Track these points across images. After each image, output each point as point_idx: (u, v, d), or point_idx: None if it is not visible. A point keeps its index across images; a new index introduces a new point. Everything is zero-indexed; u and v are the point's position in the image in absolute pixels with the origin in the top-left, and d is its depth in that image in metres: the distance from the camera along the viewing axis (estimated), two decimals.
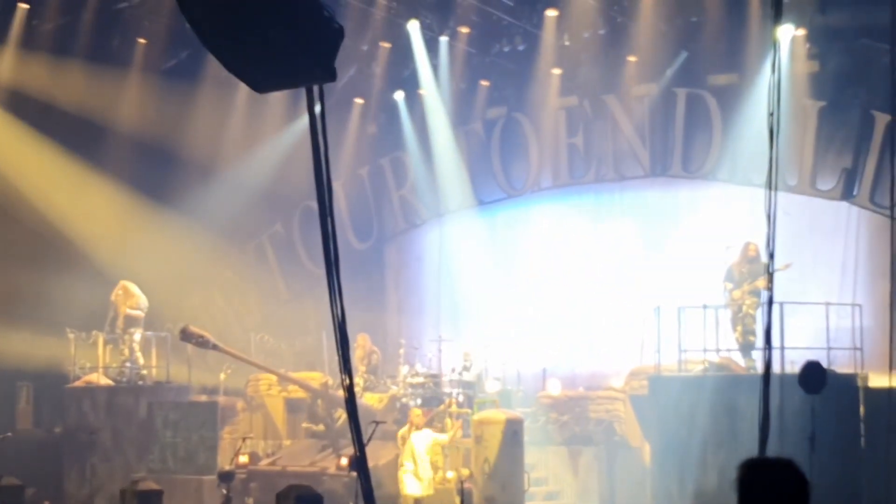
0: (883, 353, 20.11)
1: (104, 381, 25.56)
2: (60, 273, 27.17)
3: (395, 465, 22.56)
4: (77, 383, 25.70)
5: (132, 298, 25.53)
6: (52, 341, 26.10)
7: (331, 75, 14.43)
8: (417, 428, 21.06)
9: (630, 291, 26.14)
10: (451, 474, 21.40)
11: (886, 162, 21.95)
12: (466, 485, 19.97)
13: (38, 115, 27.47)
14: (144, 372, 25.74)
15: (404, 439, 21.12)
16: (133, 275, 25.85)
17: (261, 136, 28.37)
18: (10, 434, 26.08)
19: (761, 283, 20.25)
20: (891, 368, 18.45)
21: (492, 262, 28.68)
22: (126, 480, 21.25)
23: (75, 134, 27.61)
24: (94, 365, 25.79)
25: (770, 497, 4.16)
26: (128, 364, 25.53)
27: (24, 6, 26.93)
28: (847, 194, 23.73)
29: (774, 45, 16.43)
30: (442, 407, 23.15)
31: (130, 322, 25.46)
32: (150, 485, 20.28)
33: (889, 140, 21.67)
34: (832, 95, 23.70)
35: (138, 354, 25.64)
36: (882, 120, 22.69)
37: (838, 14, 23.29)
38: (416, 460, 20.71)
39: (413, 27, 27.09)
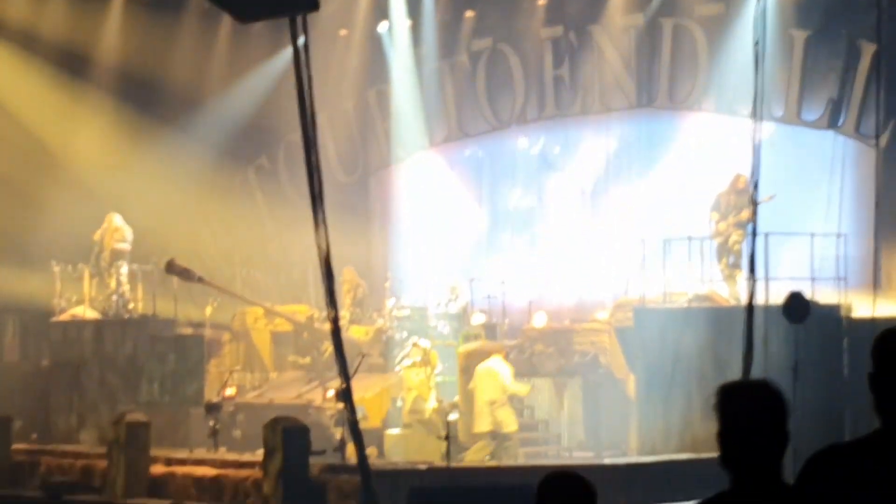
0: (867, 282, 20.26)
1: (90, 314, 25.57)
2: (45, 205, 27.15)
3: (381, 397, 22.70)
4: (63, 316, 25.71)
5: (118, 232, 25.49)
6: (38, 275, 26.11)
7: (314, 5, 14.39)
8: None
9: (616, 224, 26.19)
10: (433, 405, 21.50)
11: (872, 92, 21.98)
12: (452, 416, 20.06)
13: (21, 44, 27.40)
14: (131, 305, 25.71)
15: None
16: (119, 207, 25.81)
17: (244, 67, 28.30)
18: None
19: (745, 215, 20.29)
20: (875, 297, 18.59)
21: (476, 195, 28.75)
22: (114, 413, 21.40)
23: (59, 64, 27.58)
24: (80, 298, 25.80)
25: (749, 416, 4.19)
26: (114, 297, 25.54)
27: None
28: (833, 124, 23.70)
29: None
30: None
31: (116, 255, 25.42)
32: (138, 416, 20.44)
33: (875, 70, 21.69)
34: (818, 25, 23.59)
35: (125, 288, 25.64)
36: (868, 50, 22.62)
37: None
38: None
39: None
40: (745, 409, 4.21)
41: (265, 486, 18.14)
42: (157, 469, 19.81)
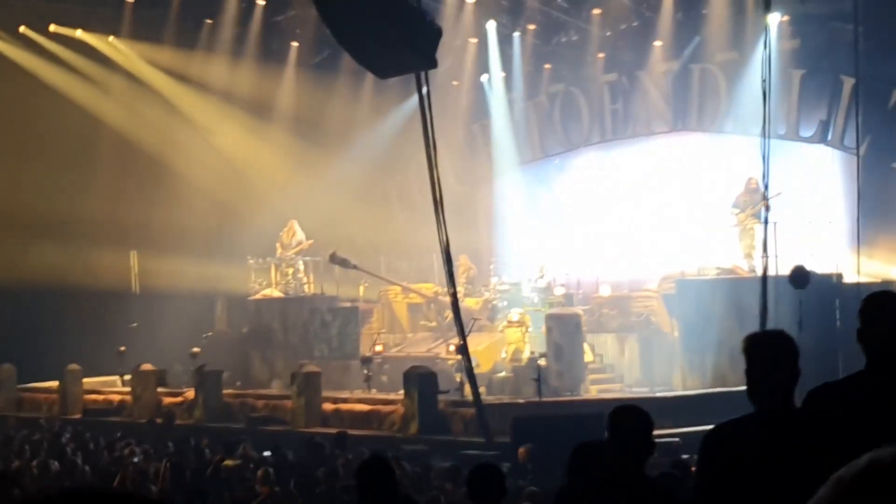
0: (853, 256, 19.91)
1: (276, 294, 25.86)
2: (241, 215, 27.50)
3: (489, 350, 22.70)
4: (256, 296, 26.02)
5: (295, 234, 25.79)
6: (237, 267, 26.46)
7: (433, 64, 14.43)
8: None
9: (660, 216, 25.99)
10: (527, 354, 21.45)
11: (852, 114, 21.67)
12: (541, 362, 20.01)
13: (222, 98, 27.79)
14: (305, 287, 25.98)
15: None
16: (295, 215, 26.11)
17: (384, 110, 28.42)
18: (210, 333, 26.60)
19: (760, 207, 20.04)
20: (858, 268, 18.29)
21: (556, 199, 28.67)
22: (294, 365, 21.60)
23: (250, 111, 27.92)
24: (269, 283, 26.11)
25: (769, 357, 4.14)
26: (293, 282, 25.82)
27: (209, 21, 27.18)
28: (823, 139, 23.43)
29: (766, 28, 16.23)
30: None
31: (300, 252, 25.80)
32: (312, 368, 20.65)
33: (854, 98, 21.39)
34: (810, 65, 23.35)
35: (301, 274, 25.90)
36: (848, 82, 22.23)
37: (815, 3, 22.99)
38: None
39: (490, 26, 27.13)
40: (767, 352, 4.16)
41: (406, 416, 18.24)
42: (327, 406, 19.95)
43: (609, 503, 4.85)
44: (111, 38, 27.17)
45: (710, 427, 4.26)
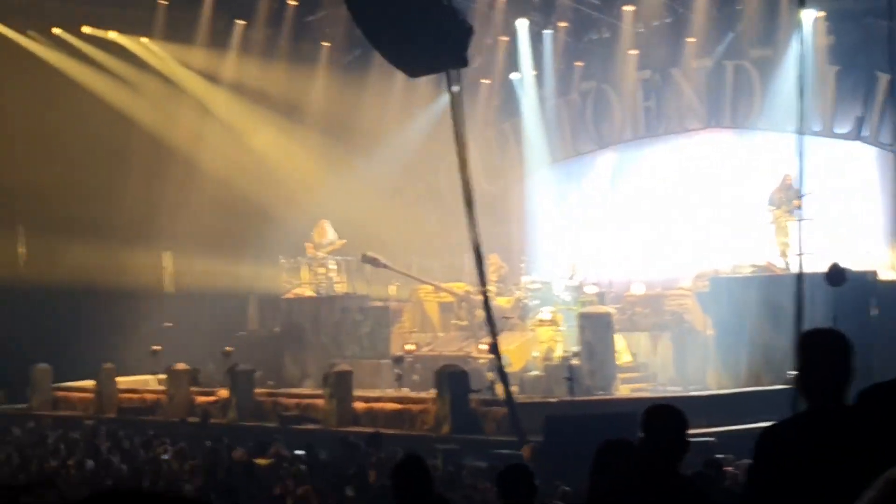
0: (888, 255, 19.77)
1: (308, 293, 25.91)
2: (273, 216, 27.56)
3: (521, 348, 22.66)
4: (288, 295, 26.07)
5: (326, 234, 25.83)
6: (270, 266, 26.53)
7: (464, 63, 14.42)
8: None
9: (694, 213, 25.88)
10: (559, 353, 21.41)
11: (888, 110, 21.57)
12: (574, 361, 19.97)
13: (254, 99, 27.88)
14: (337, 286, 26.00)
15: None
16: (326, 215, 26.15)
17: (414, 109, 28.40)
18: (243, 333, 26.68)
19: (796, 203, 19.94)
20: (894, 267, 18.14)
21: (587, 197, 28.57)
22: (326, 365, 21.64)
23: (281, 111, 27.98)
24: (300, 282, 26.15)
25: (823, 356, 4.11)
26: (325, 281, 25.86)
27: (241, 22, 27.29)
28: (858, 135, 23.26)
29: (800, 24, 16.14)
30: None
31: (333, 251, 25.83)
32: (344, 367, 20.70)
33: (889, 93, 21.28)
34: (845, 61, 23.16)
35: (332, 274, 25.93)
36: (883, 78, 22.18)
37: None
38: None
39: (521, 24, 27.07)
40: (820, 351, 4.13)
41: (437, 415, 18.24)
42: (359, 405, 19.95)
43: (643, 503, 4.83)
44: (144, 39, 27.34)
45: (767, 425, 4.26)
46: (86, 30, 26.67)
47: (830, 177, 22.59)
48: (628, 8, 25.88)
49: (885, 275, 19.70)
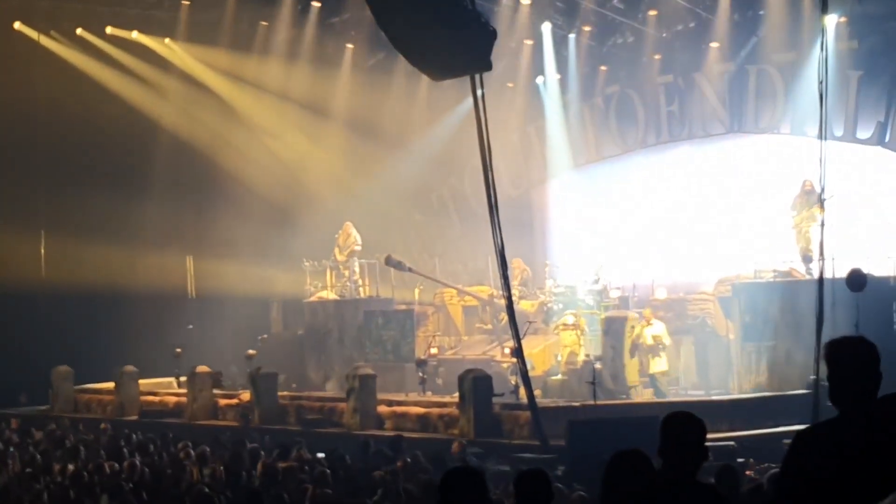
0: None
1: (332, 296, 25.97)
2: (297, 220, 27.66)
3: (544, 352, 22.66)
4: (312, 299, 26.14)
5: (351, 237, 25.84)
6: (293, 270, 26.56)
7: (488, 66, 14.45)
8: (648, 323, 21.09)
9: (717, 219, 25.83)
10: (582, 358, 21.40)
11: None
12: (597, 365, 19.96)
13: (278, 100, 27.93)
14: (360, 290, 26.04)
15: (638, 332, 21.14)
16: (351, 218, 26.16)
17: (438, 112, 28.46)
18: (266, 336, 26.76)
19: (816, 209, 19.86)
20: None
21: (611, 201, 28.55)
22: (349, 368, 21.68)
23: (305, 113, 28.02)
24: (324, 285, 26.20)
25: (851, 362, 4.14)
26: (349, 284, 25.88)
27: (264, 23, 27.37)
28: (881, 140, 23.19)
29: (823, 29, 16.08)
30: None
31: (350, 253, 25.78)
32: (367, 370, 20.74)
33: None
34: (867, 66, 23.12)
35: (356, 277, 25.96)
36: None
37: (872, 4, 22.79)
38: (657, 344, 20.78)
39: (546, 28, 27.09)
40: (848, 358, 4.16)
41: (461, 419, 18.27)
42: (382, 408, 20.02)
43: None
44: (167, 40, 27.49)
45: (801, 428, 4.31)
46: (109, 31, 26.83)
47: (853, 182, 22.50)
48: (652, 12, 25.92)
49: None
